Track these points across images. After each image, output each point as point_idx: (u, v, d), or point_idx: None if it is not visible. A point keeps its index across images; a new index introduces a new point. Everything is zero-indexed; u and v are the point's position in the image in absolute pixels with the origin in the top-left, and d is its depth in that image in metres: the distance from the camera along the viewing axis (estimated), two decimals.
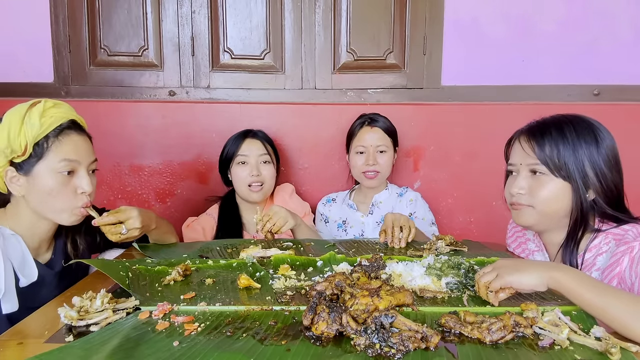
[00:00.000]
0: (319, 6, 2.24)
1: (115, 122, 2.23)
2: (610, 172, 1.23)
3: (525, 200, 1.28)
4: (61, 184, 1.24)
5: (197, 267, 1.26)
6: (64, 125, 1.25)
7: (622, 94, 2.18)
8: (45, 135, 1.22)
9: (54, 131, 1.23)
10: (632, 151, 1.93)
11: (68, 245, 1.37)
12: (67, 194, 1.25)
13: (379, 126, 1.99)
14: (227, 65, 2.30)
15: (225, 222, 1.99)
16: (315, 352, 0.80)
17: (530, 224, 1.30)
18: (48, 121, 1.22)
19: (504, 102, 2.22)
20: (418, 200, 2.06)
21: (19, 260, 1.21)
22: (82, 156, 1.28)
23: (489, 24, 2.21)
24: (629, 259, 1.12)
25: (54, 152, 1.23)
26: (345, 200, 2.14)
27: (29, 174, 1.22)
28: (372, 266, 1.16)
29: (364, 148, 2.00)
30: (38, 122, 1.20)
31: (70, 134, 1.26)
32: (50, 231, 1.32)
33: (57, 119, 1.24)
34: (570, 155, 1.22)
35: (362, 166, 1.99)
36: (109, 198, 2.26)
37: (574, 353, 0.81)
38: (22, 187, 1.23)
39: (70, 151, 1.25)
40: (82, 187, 1.27)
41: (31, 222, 1.27)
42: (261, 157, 1.97)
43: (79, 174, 1.27)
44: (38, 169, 1.22)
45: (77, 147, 1.27)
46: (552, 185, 1.24)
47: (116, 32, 2.26)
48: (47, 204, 1.25)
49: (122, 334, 0.86)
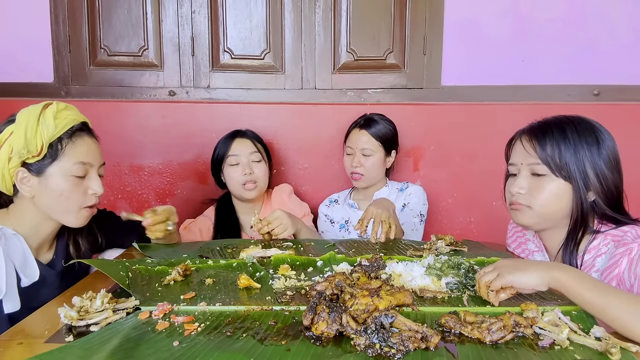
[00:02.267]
0: (319, 6, 2.24)
1: (115, 122, 2.23)
2: (611, 174, 1.22)
3: (524, 200, 1.27)
4: (73, 185, 1.25)
5: (197, 267, 1.26)
6: (76, 127, 1.26)
7: (622, 94, 2.18)
8: (58, 137, 1.23)
9: (67, 133, 1.24)
10: (632, 151, 1.94)
11: (70, 245, 1.38)
12: (78, 195, 1.27)
13: (368, 130, 1.99)
14: (227, 65, 2.30)
15: (222, 224, 1.99)
16: (315, 352, 0.80)
17: (529, 224, 1.30)
18: (62, 123, 1.23)
19: (504, 102, 2.22)
20: (415, 193, 2.05)
21: (20, 260, 1.21)
22: (94, 159, 1.30)
23: (489, 23, 2.21)
24: (628, 260, 1.12)
25: (68, 154, 1.24)
26: (346, 200, 2.14)
27: (41, 175, 1.23)
28: (372, 266, 1.16)
29: (351, 150, 2.02)
30: (53, 123, 1.21)
31: (83, 136, 1.28)
32: (54, 232, 1.33)
33: (69, 120, 1.25)
34: (572, 156, 1.21)
35: (349, 167, 2.03)
36: (109, 198, 2.26)
37: (574, 353, 0.81)
38: (32, 188, 1.24)
39: (84, 153, 1.27)
40: (93, 189, 1.29)
41: (35, 223, 1.28)
42: (252, 156, 1.97)
43: (91, 176, 1.29)
44: (51, 170, 1.23)
45: (90, 149, 1.29)
46: (552, 186, 1.23)
47: (116, 32, 2.26)
48: (57, 205, 1.25)
49: (122, 334, 0.86)
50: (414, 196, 2.04)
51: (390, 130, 2.04)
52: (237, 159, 1.96)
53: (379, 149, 2.00)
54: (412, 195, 2.04)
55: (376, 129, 2.00)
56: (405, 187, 2.08)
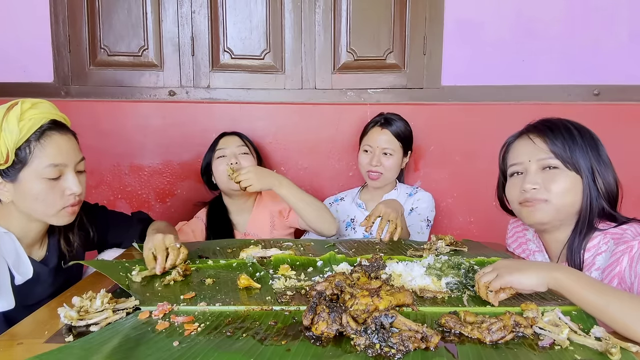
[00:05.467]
0: (319, 6, 2.24)
1: (115, 122, 2.23)
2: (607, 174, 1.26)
3: (540, 194, 1.26)
4: (48, 188, 1.20)
5: (197, 267, 1.26)
6: (44, 126, 1.19)
7: (622, 94, 2.18)
8: (26, 140, 1.16)
9: (34, 134, 1.17)
10: (632, 151, 1.94)
11: (61, 242, 1.36)
12: (55, 197, 1.22)
13: (390, 129, 1.98)
14: (227, 65, 2.30)
15: (214, 225, 1.97)
16: (315, 352, 0.80)
17: (546, 220, 1.28)
18: (27, 125, 1.16)
19: (504, 102, 2.22)
20: (424, 199, 2.05)
21: (13, 258, 1.20)
22: (68, 158, 1.23)
23: (489, 23, 2.21)
24: (629, 258, 1.13)
25: (38, 157, 1.18)
26: (354, 199, 2.14)
27: (15, 181, 1.19)
28: (372, 266, 1.16)
29: (370, 147, 2.00)
30: (17, 127, 1.14)
31: (52, 135, 1.20)
32: (42, 231, 1.31)
33: (36, 121, 1.18)
34: (580, 151, 1.25)
35: (367, 165, 2.00)
36: (109, 198, 2.25)
37: (574, 353, 0.81)
38: (9, 192, 1.21)
39: (55, 154, 1.20)
40: (70, 189, 1.23)
41: (22, 223, 1.26)
42: (239, 149, 1.94)
43: (66, 176, 1.23)
44: (23, 175, 1.18)
45: (61, 148, 1.22)
46: (566, 178, 1.25)
47: (116, 32, 2.26)
48: (35, 208, 1.22)
49: (122, 334, 0.86)
50: (423, 202, 2.04)
51: (409, 130, 2.04)
52: (223, 152, 1.93)
53: (399, 149, 2.00)
54: (420, 201, 2.04)
55: (398, 129, 1.99)
56: (414, 192, 2.08)
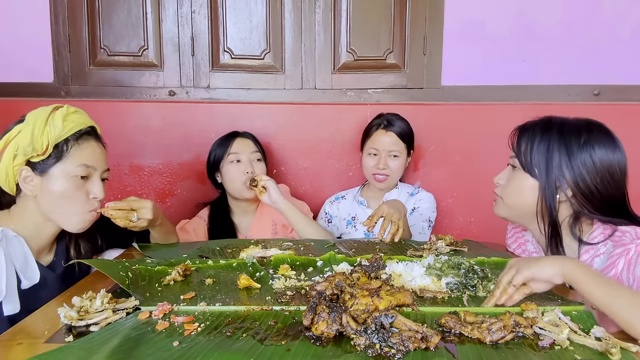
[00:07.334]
0: (319, 6, 2.24)
1: (115, 122, 2.23)
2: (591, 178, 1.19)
3: (498, 190, 1.36)
4: (75, 187, 1.26)
5: (197, 267, 1.26)
6: (83, 130, 1.28)
7: (622, 94, 2.18)
8: (65, 138, 1.24)
9: (74, 135, 1.26)
10: (632, 151, 1.93)
11: (70, 248, 1.38)
12: (79, 198, 1.27)
13: (394, 130, 1.97)
14: (227, 65, 2.30)
15: (216, 226, 1.97)
16: (315, 352, 0.80)
17: (502, 215, 1.38)
18: (70, 125, 1.25)
19: (504, 102, 2.22)
20: (426, 199, 2.05)
21: (21, 262, 1.21)
22: (98, 163, 1.31)
23: (489, 23, 2.21)
24: (625, 261, 1.13)
25: (72, 156, 1.25)
26: (356, 197, 2.13)
27: (44, 175, 1.24)
28: (372, 266, 1.16)
29: (376, 150, 1.98)
30: (61, 124, 1.23)
31: (90, 139, 1.29)
32: (54, 234, 1.33)
33: (78, 123, 1.27)
34: (542, 154, 1.23)
35: (373, 168, 1.99)
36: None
37: (574, 353, 0.81)
38: (35, 187, 1.24)
39: (88, 156, 1.28)
40: (94, 193, 1.30)
41: (36, 224, 1.28)
42: (253, 155, 1.96)
43: (93, 180, 1.30)
44: (54, 170, 1.24)
45: (95, 153, 1.30)
46: (520, 180, 1.28)
47: (116, 32, 2.26)
48: (58, 206, 1.26)
49: (122, 334, 0.86)
50: (425, 202, 2.04)
51: (411, 129, 2.03)
52: (238, 157, 1.94)
53: (404, 150, 2.00)
54: (422, 201, 2.04)
55: (401, 129, 1.98)
56: (416, 192, 2.08)
